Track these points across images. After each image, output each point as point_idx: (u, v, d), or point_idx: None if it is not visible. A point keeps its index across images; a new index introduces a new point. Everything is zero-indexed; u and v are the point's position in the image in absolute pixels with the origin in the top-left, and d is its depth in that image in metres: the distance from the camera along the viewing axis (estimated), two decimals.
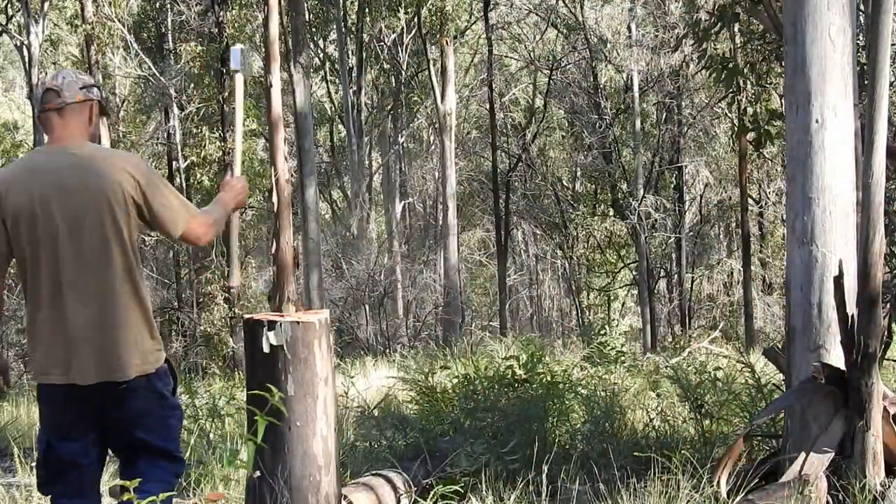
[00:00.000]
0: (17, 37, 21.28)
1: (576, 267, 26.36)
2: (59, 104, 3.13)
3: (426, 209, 29.85)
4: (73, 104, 3.15)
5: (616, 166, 22.76)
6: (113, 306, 3.07)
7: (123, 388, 3.10)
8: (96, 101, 3.25)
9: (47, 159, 3.14)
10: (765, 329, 20.26)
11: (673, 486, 3.97)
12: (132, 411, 3.15)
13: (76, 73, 3.28)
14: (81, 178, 3.06)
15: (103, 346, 3.06)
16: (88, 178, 3.06)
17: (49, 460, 3.17)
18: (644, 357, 11.31)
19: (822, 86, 4.28)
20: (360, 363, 12.96)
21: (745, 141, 19.33)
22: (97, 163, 3.10)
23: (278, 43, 4.72)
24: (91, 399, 3.11)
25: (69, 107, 3.14)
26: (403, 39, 23.46)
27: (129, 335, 3.09)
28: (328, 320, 3.63)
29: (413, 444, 5.57)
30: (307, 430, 3.49)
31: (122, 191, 3.07)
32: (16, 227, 3.07)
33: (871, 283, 3.93)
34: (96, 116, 3.25)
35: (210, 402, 6.68)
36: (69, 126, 3.15)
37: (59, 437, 3.15)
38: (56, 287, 3.06)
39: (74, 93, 3.16)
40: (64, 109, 3.14)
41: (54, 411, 3.17)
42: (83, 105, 3.18)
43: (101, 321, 3.06)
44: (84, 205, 3.04)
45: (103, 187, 3.06)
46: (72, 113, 3.15)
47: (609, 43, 23.18)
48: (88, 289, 3.05)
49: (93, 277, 3.06)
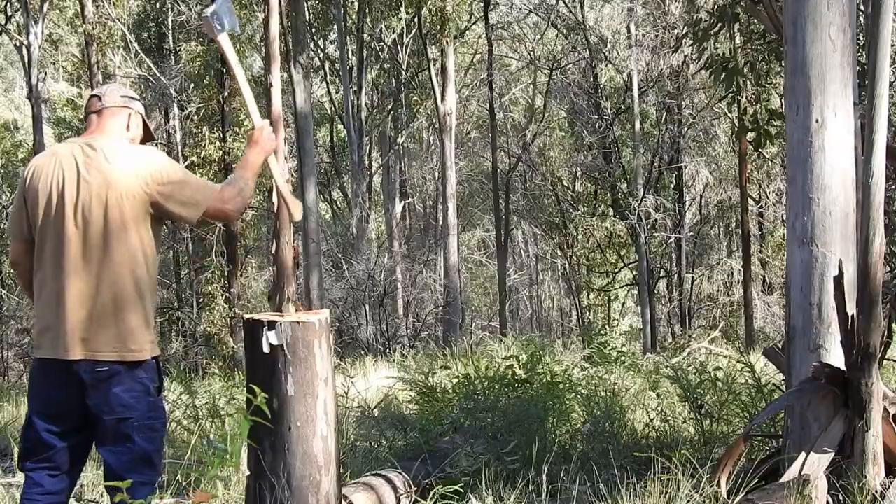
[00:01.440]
0: (17, 37, 21.27)
1: (576, 267, 26.36)
2: (99, 107, 3.42)
3: (426, 209, 29.86)
4: (111, 108, 3.43)
5: (616, 166, 22.77)
6: (110, 292, 3.18)
7: (106, 371, 3.16)
8: (136, 112, 3.49)
9: (71, 149, 3.31)
10: (765, 329, 20.26)
11: (673, 486, 3.97)
12: (116, 400, 3.18)
13: (122, 87, 3.61)
14: (96, 168, 3.22)
15: (91, 326, 3.17)
16: (102, 168, 3.22)
17: (27, 437, 3.28)
18: (644, 357, 11.32)
19: (822, 86, 4.28)
20: (360, 363, 12.96)
21: (745, 141, 19.33)
22: (114, 155, 3.26)
23: (278, 43, 4.72)
24: (76, 380, 3.17)
25: (107, 110, 3.42)
26: (403, 39, 23.47)
27: (120, 320, 3.18)
28: (328, 320, 3.62)
29: (413, 444, 5.57)
30: (307, 430, 3.49)
31: (134, 183, 3.21)
32: (34, 207, 3.27)
33: (871, 283, 3.93)
34: (136, 126, 3.49)
35: (210, 402, 6.68)
36: (103, 126, 3.40)
37: (43, 416, 3.23)
38: (59, 268, 3.19)
39: (114, 99, 3.45)
40: (102, 112, 3.42)
41: (41, 387, 3.26)
42: (121, 110, 3.44)
43: (95, 303, 3.17)
44: (95, 193, 3.19)
45: (115, 178, 3.20)
46: (109, 116, 3.42)
47: (609, 43, 23.19)
48: (89, 272, 3.18)
49: (95, 262, 3.18)
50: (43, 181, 3.26)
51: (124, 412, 3.19)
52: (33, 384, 3.30)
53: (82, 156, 3.26)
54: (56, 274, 3.19)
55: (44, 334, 3.23)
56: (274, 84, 4.56)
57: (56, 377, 3.20)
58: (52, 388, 3.22)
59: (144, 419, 3.22)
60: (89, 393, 3.18)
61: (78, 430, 3.26)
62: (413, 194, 28.73)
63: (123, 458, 3.22)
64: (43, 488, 3.25)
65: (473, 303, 29.49)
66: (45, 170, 3.28)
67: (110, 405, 3.18)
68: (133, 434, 3.20)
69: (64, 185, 3.22)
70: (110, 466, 3.24)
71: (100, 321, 3.16)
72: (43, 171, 3.29)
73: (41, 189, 3.26)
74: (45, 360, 3.23)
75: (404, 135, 26.13)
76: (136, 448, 3.21)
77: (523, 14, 25.28)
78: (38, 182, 3.28)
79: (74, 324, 3.15)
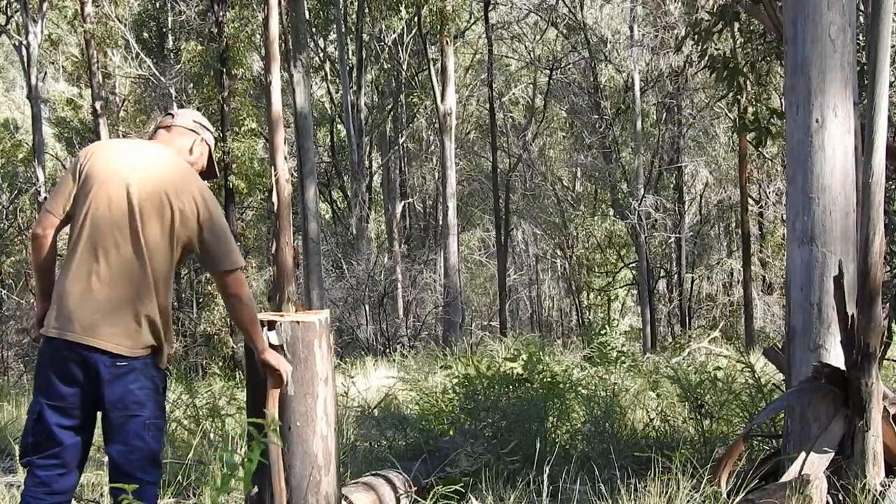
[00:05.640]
0: (16, 37, 21.27)
1: (576, 267, 26.36)
2: (170, 123, 3.53)
3: (426, 209, 29.84)
4: (180, 127, 3.52)
5: (616, 166, 22.76)
6: (135, 290, 3.19)
7: (126, 365, 3.15)
8: (204, 140, 3.57)
9: (135, 146, 3.41)
10: (765, 329, 20.26)
11: (673, 486, 3.97)
12: (131, 397, 3.17)
13: (198, 114, 3.69)
14: (154, 170, 3.28)
15: (113, 316, 3.15)
16: (160, 174, 3.28)
17: (36, 430, 3.21)
18: (644, 357, 11.32)
19: (822, 85, 4.28)
20: (360, 363, 12.95)
21: (745, 141, 19.33)
22: (174, 167, 3.34)
23: (278, 43, 4.73)
24: (92, 372, 3.13)
25: (176, 128, 3.52)
26: (403, 39, 23.47)
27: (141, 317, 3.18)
28: (328, 320, 3.62)
29: (413, 444, 5.57)
30: (307, 430, 3.49)
31: (183, 202, 3.26)
32: (84, 186, 3.26)
33: (870, 283, 3.93)
34: (200, 154, 3.56)
35: (210, 402, 6.67)
36: (168, 140, 3.49)
37: (54, 409, 3.17)
38: (91, 251, 3.19)
39: (186, 121, 3.55)
40: (172, 129, 3.52)
41: (48, 371, 3.19)
42: (189, 133, 3.53)
43: (117, 294, 3.17)
44: (146, 192, 3.23)
45: (167, 188, 3.26)
46: (177, 134, 3.51)
47: (609, 43, 23.18)
48: (117, 264, 3.18)
49: (126, 257, 3.19)
50: (102, 164, 3.27)
51: (137, 409, 3.18)
52: (43, 373, 3.21)
53: (147, 156, 3.33)
54: (84, 259, 3.17)
55: (57, 314, 3.17)
56: (274, 84, 4.57)
57: (65, 364, 3.15)
58: (67, 381, 3.16)
59: (153, 417, 3.23)
60: (105, 387, 3.14)
61: (87, 427, 3.23)
62: (413, 194, 28.71)
63: (133, 458, 3.19)
64: (49, 488, 3.19)
65: (473, 303, 29.48)
66: (106, 154, 3.32)
67: (125, 401, 3.16)
68: (143, 432, 3.19)
69: (117, 177, 3.23)
70: (118, 466, 3.20)
71: (120, 314, 3.15)
72: (104, 155, 3.32)
73: (96, 172, 3.25)
74: (53, 342, 3.16)
75: (404, 135, 26.12)
76: (146, 447, 3.20)
77: (523, 14, 25.28)
78: (97, 163, 3.28)
79: (88, 311, 3.13)
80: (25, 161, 25.01)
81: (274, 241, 9.57)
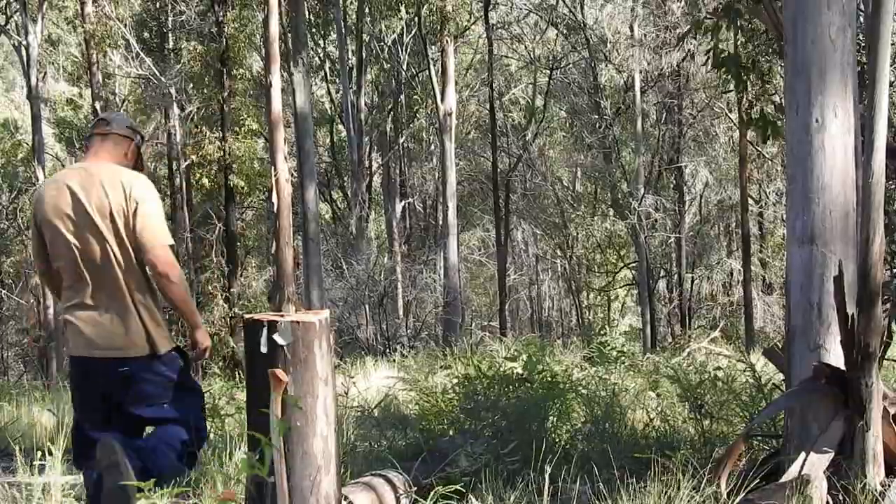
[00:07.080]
0: (16, 37, 21.26)
1: (576, 267, 26.36)
2: (106, 131, 3.72)
3: (426, 209, 29.84)
4: (116, 135, 3.73)
5: (616, 166, 22.75)
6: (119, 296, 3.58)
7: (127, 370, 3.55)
8: (136, 144, 3.81)
9: (68, 175, 3.66)
10: (765, 329, 20.26)
11: (673, 486, 3.96)
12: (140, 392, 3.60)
13: (131, 120, 3.96)
14: (88, 191, 3.55)
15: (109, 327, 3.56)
16: (93, 192, 3.54)
17: (76, 439, 3.68)
18: (644, 357, 11.32)
19: (822, 86, 4.27)
20: (360, 363, 12.95)
21: (745, 141, 19.34)
22: (103, 178, 3.58)
23: (278, 43, 4.73)
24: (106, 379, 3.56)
25: (112, 136, 3.72)
26: (403, 39, 23.46)
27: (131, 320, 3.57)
28: (328, 320, 3.62)
29: (413, 444, 5.57)
30: (307, 430, 3.49)
31: (118, 203, 3.54)
32: (47, 232, 3.62)
33: (871, 283, 3.93)
34: (132, 154, 3.80)
35: (210, 402, 6.67)
36: (104, 151, 3.70)
37: (85, 418, 3.64)
38: (78, 280, 3.59)
39: (121, 127, 3.75)
40: (108, 137, 3.72)
41: (77, 388, 3.67)
42: (125, 139, 3.75)
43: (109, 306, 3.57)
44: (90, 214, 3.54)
45: (103, 199, 3.54)
46: (112, 142, 3.72)
47: (609, 43, 23.18)
48: (100, 283, 3.58)
49: (102, 273, 3.57)
50: (49, 208, 3.58)
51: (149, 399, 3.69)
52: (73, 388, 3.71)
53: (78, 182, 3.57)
54: (76, 289, 3.59)
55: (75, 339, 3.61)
56: (274, 84, 4.59)
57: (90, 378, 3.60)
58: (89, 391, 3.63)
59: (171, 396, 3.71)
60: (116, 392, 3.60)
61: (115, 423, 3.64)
62: (413, 194, 28.71)
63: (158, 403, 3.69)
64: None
65: (473, 303, 29.48)
66: (48, 198, 3.60)
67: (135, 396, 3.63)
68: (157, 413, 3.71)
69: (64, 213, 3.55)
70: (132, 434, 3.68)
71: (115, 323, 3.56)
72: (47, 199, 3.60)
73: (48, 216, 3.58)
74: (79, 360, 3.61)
75: (404, 135, 26.11)
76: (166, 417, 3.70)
77: (523, 14, 25.27)
78: (44, 210, 3.60)
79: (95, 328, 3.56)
80: (25, 161, 25.03)
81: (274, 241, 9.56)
